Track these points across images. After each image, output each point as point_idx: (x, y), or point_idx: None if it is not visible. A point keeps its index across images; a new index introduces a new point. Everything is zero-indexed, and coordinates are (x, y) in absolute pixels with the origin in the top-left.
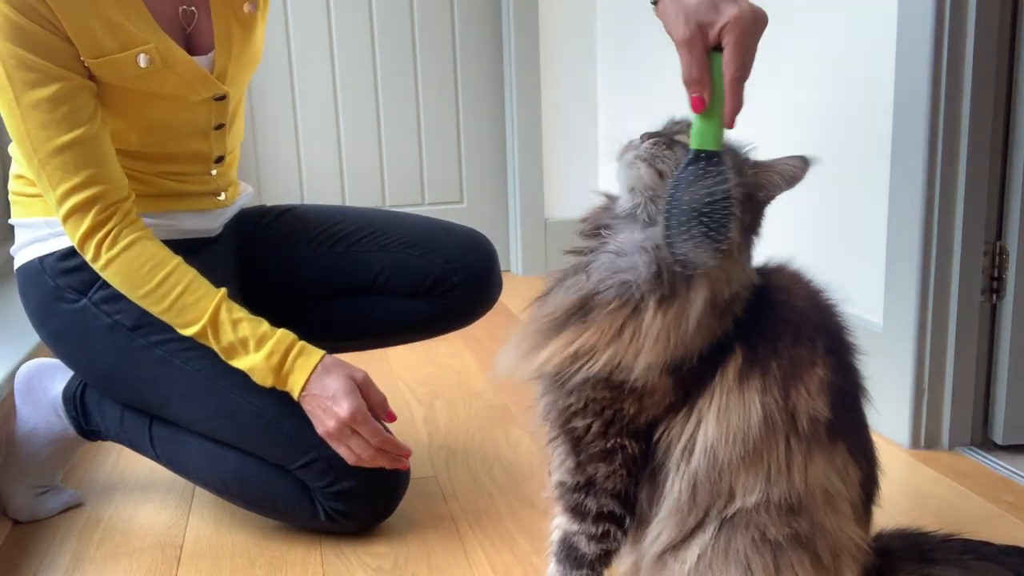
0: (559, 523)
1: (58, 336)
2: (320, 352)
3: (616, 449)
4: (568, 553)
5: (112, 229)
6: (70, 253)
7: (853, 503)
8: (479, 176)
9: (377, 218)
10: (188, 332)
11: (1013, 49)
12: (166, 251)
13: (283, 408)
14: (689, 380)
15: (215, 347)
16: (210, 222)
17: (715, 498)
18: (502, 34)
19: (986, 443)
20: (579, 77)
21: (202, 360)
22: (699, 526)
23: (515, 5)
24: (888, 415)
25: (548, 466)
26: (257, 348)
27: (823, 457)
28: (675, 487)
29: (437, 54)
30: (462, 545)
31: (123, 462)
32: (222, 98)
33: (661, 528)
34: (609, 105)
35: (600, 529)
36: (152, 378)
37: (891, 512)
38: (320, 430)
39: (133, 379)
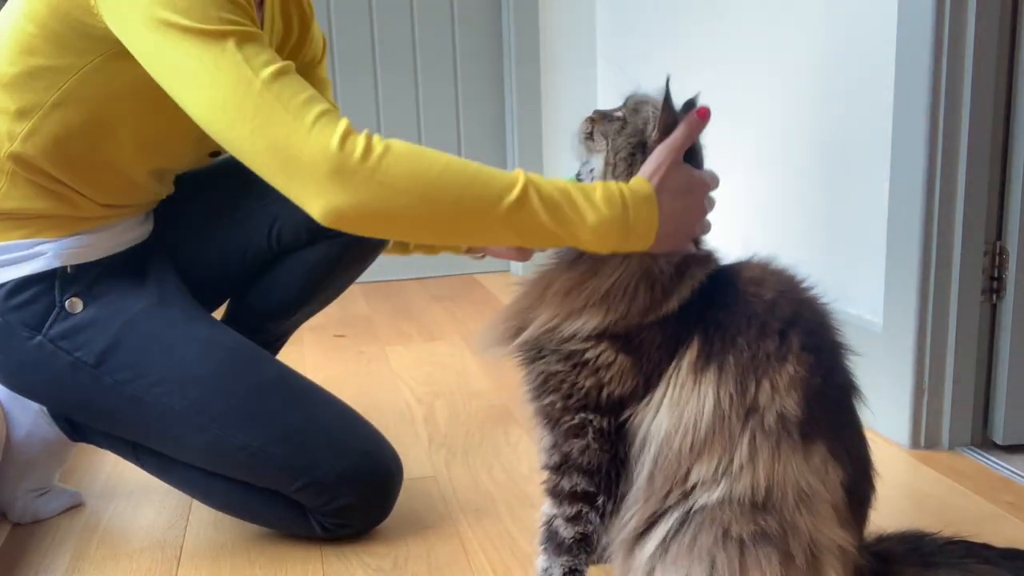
0: (544, 510)
1: (15, 375)
2: (639, 179)
3: (584, 424)
4: (550, 538)
5: (367, 133)
6: (20, 286)
7: (836, 505)
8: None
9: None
10: (506, 202)
11: (1013, 49)
12: None
13: (268, 437)
14: (648, 365)
15: (540, 214)
16: (144, 226)
17: (672, 485)
18: (502, 34)
19: (986, 443)
20: (579, 77)
21: (174, 396)
22: (660, 514)
23: (515, 5)
24: (888, 415)
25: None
26: (590, 202)
27: (796, 456)
28: (639, 475)
29: (437, 54)
30: (462, 545)
31: (123, 462)
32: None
33: (631, 515)
34: (609, 105)
35: (574, 509)
36: (125, 415)
37: (891, 512)
38: (692, 228)
39: (104, 416)
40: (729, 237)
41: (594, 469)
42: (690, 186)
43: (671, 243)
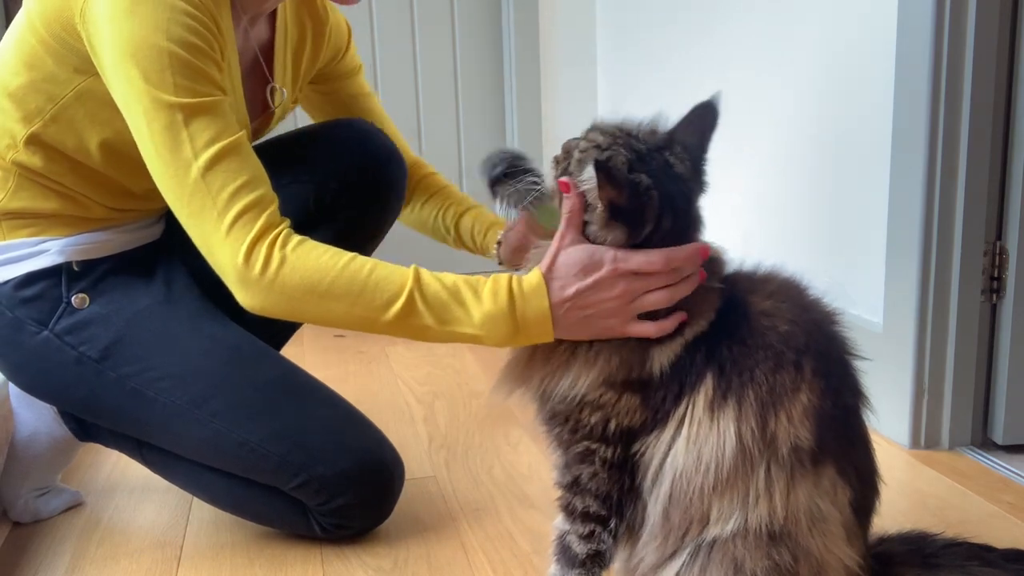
0: (556, 523)
1: (20, 369)
2: (534, 270)
3: (591, 452)
4: (563, 552)
5: (283, 230)
6: (28, 281)
7: (845, 523)
8: (479, 176)
9: None
10: (393, 310)
11: (1013, 49)
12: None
13: (267, 434)
14: (656, 400)
15: (426, 317)
16: (154, 226)
17: (690, 523)
18: (502, 34)
19: (986, 443)
20: (579, 77)
21: (176, 391)
22: (676, 552)
23: (515, 5)
24: (888, 415)
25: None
26: (476, 296)
27: (807, 483)
28: (651, 512)
29: (437, 54)
30: (462, 545)
31: (123, 462)
32: None
33: (645, 553)
34: (609, 105)
35: (587, 528)
36: (127, 410)
37: (891, 512)
38: (609, 317)
39: (108, 411)
40: (730, 237)
41: (604, 495)
42: (588, 271)
43: (583, 332)
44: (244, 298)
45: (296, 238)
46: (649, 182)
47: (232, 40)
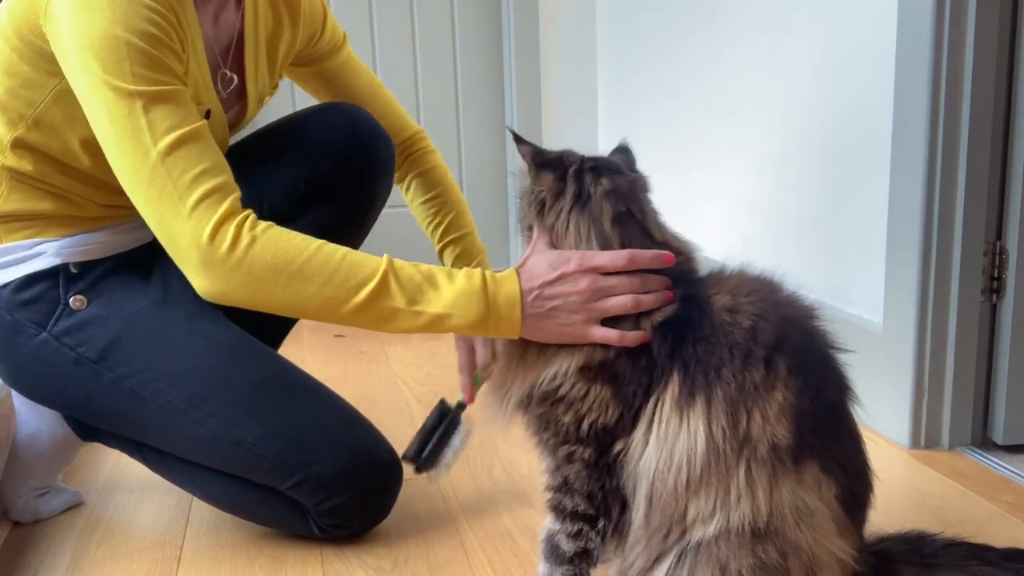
0: (546, 523)
1: (21, 373)
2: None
3: (573, 452)
4: (552, 550)
5: (249, 214)
6: (25, 284)
7: (835, 517)
8: (479, 176)
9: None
10: (365, 290)
11: (1013, 49)
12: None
13: (263, 433)
14: (629, 393)
15: (397, 298)
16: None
17: (669, 524)
18: (502, 34)
19: (986, 443)
20: (579, 76)
21: (173, 391)
22: (661, 556)
23: (515, 5)
24: (888, 415)
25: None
26: (450, 278)
27: (790, 480)
28: (635, 515)
29: (437, 54)
30: (462, 545)
31: (123, 462)
32: None
33: (632, 556)
34: (609, 105)
35: (575, 527)
36: (125, 411)
37: (891, 512)
38: (573, 313)
39: (106, 412)
40: (729, 238)
41: (589, 493)
42: (556, 266)
43: (548, 327)
44: (204, 281)
45: (263, 223)
46: (572, 150)
47: (197, 31)
